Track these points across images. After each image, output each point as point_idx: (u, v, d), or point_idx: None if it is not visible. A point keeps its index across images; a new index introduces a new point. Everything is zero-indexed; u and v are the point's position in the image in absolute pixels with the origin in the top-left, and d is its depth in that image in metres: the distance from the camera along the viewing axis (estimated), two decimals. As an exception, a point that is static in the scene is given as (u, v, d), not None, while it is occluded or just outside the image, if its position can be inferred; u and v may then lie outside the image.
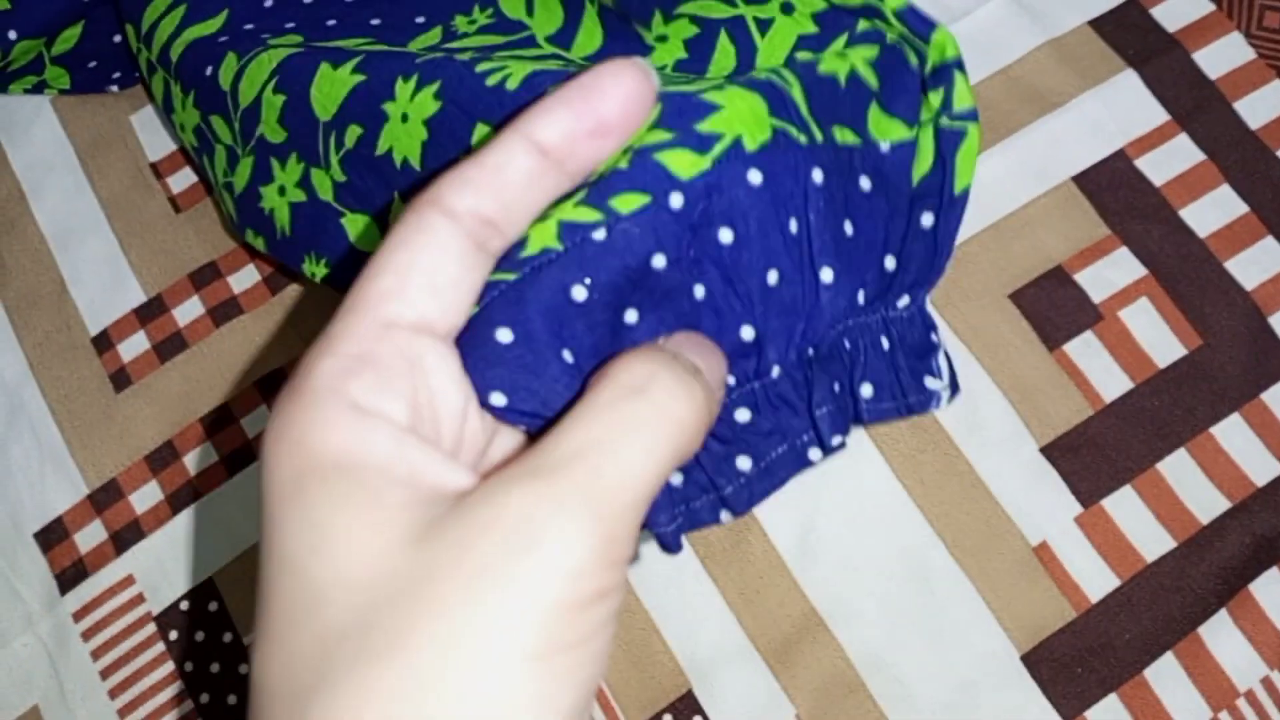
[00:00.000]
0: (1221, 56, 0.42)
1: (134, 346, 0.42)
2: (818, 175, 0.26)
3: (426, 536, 0.20)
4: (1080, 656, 0.36)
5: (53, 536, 0.40)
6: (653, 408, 0.21)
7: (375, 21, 0.39)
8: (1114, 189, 0.41)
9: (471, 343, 0.24)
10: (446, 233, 0.22)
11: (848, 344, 0.27)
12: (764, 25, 0.31)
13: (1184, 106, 0.41)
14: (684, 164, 0.24)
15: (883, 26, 0.29)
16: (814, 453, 0.27)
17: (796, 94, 0.27)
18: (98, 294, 0.43)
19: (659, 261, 0.25)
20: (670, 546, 0.25)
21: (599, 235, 0.24)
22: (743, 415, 0.26)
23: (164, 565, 0.39)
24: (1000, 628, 0.36)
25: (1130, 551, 0.36)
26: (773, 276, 0.26)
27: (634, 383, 0.21)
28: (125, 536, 0.40)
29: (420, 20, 0.39)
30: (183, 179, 0.44)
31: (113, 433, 0.41)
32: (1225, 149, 0.41)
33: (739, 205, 0.25)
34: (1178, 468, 0.37)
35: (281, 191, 0.36)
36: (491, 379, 0.23)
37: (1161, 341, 0.39)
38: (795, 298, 0.26)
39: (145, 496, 0.40)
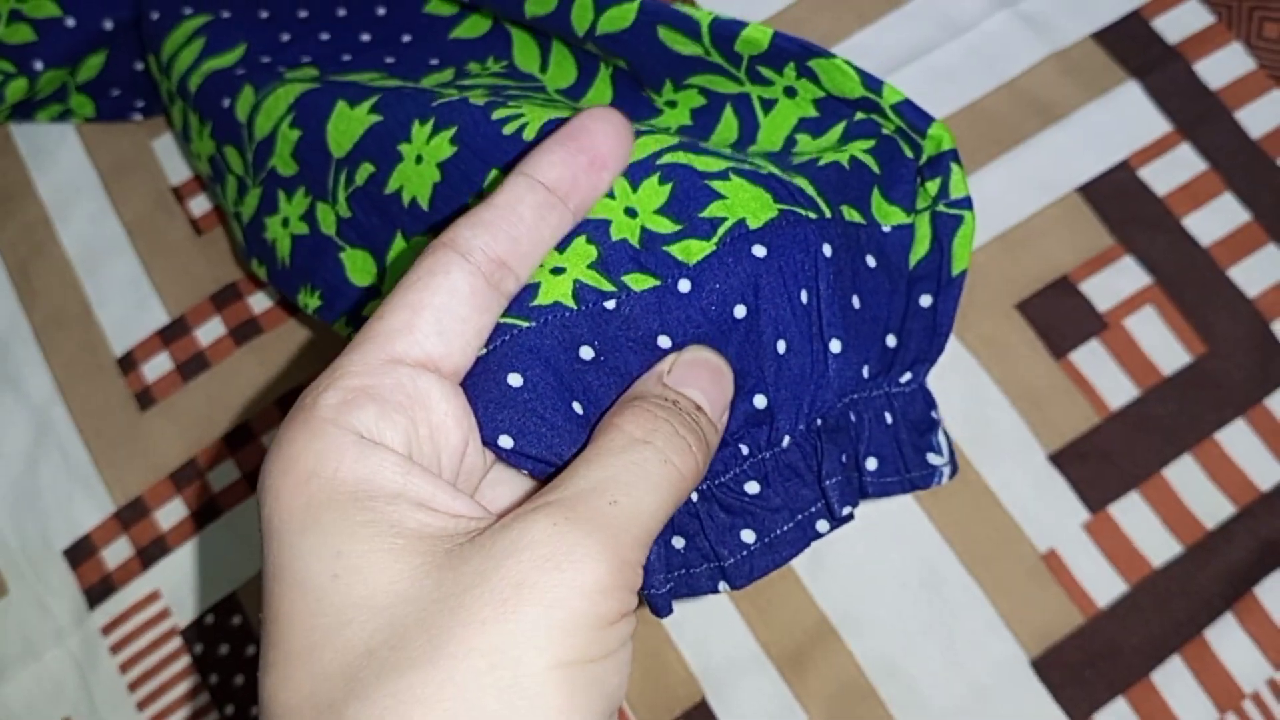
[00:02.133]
0: (1222, 67, 0.42)
1: (158, 367, 0.43)
2: (827, 249, 0.27)
3: (449, 563, 0.21)
4: (1089, 661, 0.36)
5: (81, 553, 0.41)
6: (657, 455, 0.23)
7: (390, 60, 0.40)
8: (1118, 199, 0.41)
9: (481, 384, 0.25)
10: (460, 273, 0.24)
11: (853, 417, 0.28)
12: (768, 105, 0.32)
13: (1186, 117, 0.42)
14: (691, 252, 0.26)
15: (880, 120, 0.30)
16: (822, 524, 0.27)
17: (801, 182, 0.28)
18: (122, 315, 0.44)
19: (664, 342, 0.26)
20: (660, 610, 0.26)
21: (610, 305, 0.25)
22: (752, 488, 0.27)
23: (189, 580, 0.40)
24: (1010, 634, 0.37)
25: (1137, 557, 0.37)
26: (781, 346, 0.27)
27: (639, 435, 0.23)
28: (151, 552, 0.41)
29: (434, 62, 0.40)
30: (203, 203, 0.45)
31: (138, 451, 0.42)
32: (1227, 158, 0.41)
33: (748, 279, 0.26)
34: (1184, 474, 0.38)
35: (285, 223, 0.37)
36: (501, 421, 0.25)
37: (1167, 349, 0.39)
38: (805, 368, 0.27)
39: (170, 513, 0.41)
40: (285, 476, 0.22)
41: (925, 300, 0.30)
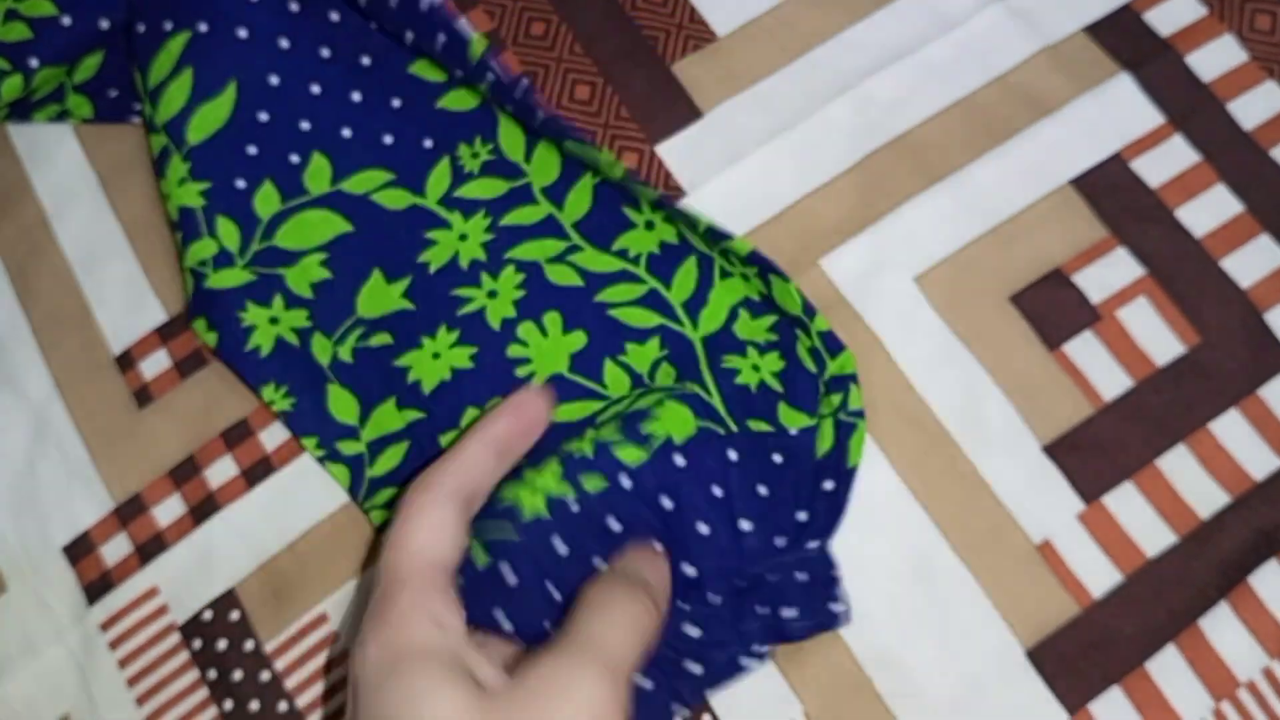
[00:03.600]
0: (1215, 59, 0.43)
1: (155, 364, 0.43)
2: (733, 454, 0.36)
3: (493, 698, 0.29)
4: (1084, 651, 0.36)
5: (80, 549, 0.41)
6: (622, 609, 0.31)
7: (388, 140, 0.43)
8: (1111, 191, 0.41)
9: (486, 583, 0.33)
10: (451, 507, 0.33)
11: (770, 577, 0.35)
12: (725, 274, 0.40)
13: (1179, 109, 0.42)
14: (632, 455, 0.35)
15: (801, 335, 0.39)
16: (746, 660, 0.35)
17: (716, 401, 0.38)
18: (120, 314, 0.44)
19: (614, 525, 0.34)
20: None
21: (574, 508, 0.34)
22: (692, 631, 0.35)
23: (187, 576, 0.40)
24: (1005, 624, 0.37)
25: (1131, 547, 0.37)
26: (703, 528, 0.35)
27: (613, 596, 0.32)
28: (149, 549, 0.41)
29: (428, 144, 0.43)
30: (200, 201, 0.45)
31: (136, 448, 0.42)
32: (1220, 149, 0.41)
33: (671, 479, 0.35)
34: (1177, 464, 0.38)
35: (274, 321, 0.41)
36: (500, 612, 0.33)
37: (1160, 340, 0.39)
38: (721, 543, 0.35)
39: (168, 510, 0.41)
40: (377, 636, 0.30)
41: (829, 485, 0.37)
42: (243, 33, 0.42)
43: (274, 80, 0.43)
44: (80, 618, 0.41)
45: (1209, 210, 0.41)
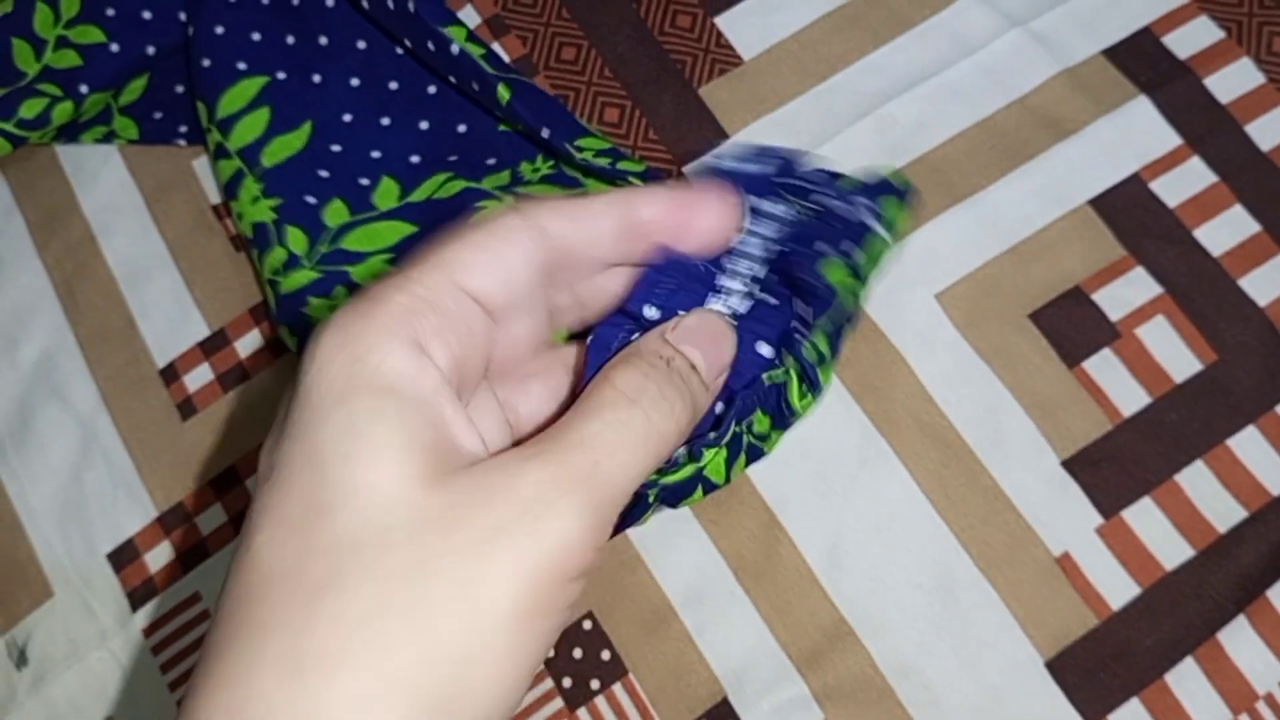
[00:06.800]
0: (1232, 81, 0.43)
1: (199, 378, 0.45)
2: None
3: (443, 483, 0.22)
4: (1103, 662, 0.37)
5: (124, 557, 0.43)
6: (642, 417, 0.24)
7: (453, 158, 0.44)
8: (1129, 211, 0.42)
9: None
10: (524, 245, 0.24)
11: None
12: None
13: (1196, 130, 0.43)
14: None
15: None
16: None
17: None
18: (164, 329, 0.46)
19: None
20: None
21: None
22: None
23: (228, 583, 0.42)
24: (1025, 635, 0.37)
25: (1150, 560, 0.38)
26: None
27: (629, 392, 0.24)
28: (192, 556, 0.42)
29: (491, 162, 0.44)
30: (242, 220, 0.47)
31: (180, 459, 0.44)
32: (1237, 170, 0.42)
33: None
34: (1195, 479, 0.38)
35: (332, 308, 0.39)
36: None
37: (1178, 357, 0.40)
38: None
39: (210, 518, 0.43)
40: (337, 353, 0.23)
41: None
42: (317, 78, 0.44)
43: (347, 118, 0.44)
44: (124, 623, 0.42)
45: (1226, 230, 0.41)
